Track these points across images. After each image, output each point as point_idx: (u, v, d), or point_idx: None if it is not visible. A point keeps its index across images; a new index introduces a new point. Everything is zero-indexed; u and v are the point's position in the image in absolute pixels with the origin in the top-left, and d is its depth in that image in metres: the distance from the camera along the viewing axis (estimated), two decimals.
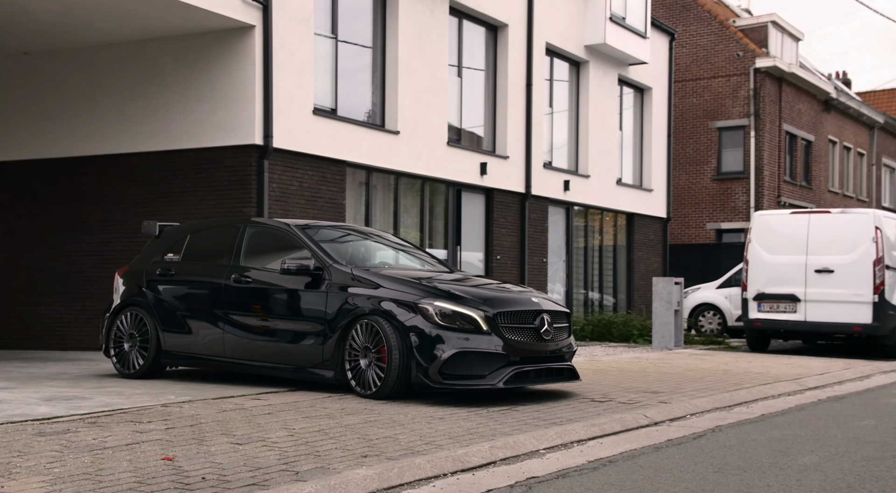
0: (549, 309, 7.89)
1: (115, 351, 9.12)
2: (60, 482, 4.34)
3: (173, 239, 9.48)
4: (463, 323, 7.33)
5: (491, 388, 7.35)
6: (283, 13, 12.92)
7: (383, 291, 7.63)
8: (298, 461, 4.96)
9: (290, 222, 8.80)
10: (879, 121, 35.96)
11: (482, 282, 8.51)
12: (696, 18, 29.07)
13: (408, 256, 9.38)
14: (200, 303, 8.73)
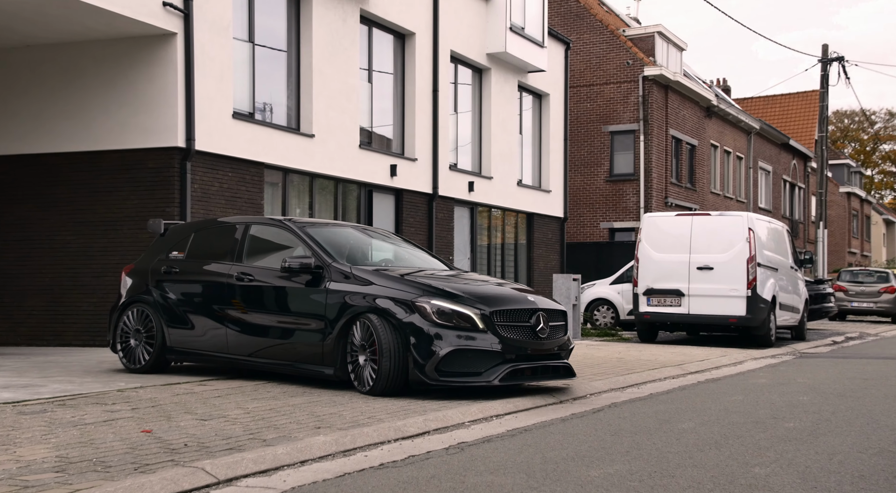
0: (546, 308, 7.96)
1: (122, 346, 9.30)
2: (64, 449, 5.01)
3: (178, 237, 9.62)
4: (459, 321, 7.43)
5: (487, 385, 7.44)
6: (203, 21, 13.46)
7: (381, 289, 7.70)
8: (262, 431, 5.73)
9: (293, 220, 8.95)
10: (756, 127, 38.42)
11: (480, 280, 8.51)
12: (588, 27, 30.59)
13: (408, 254, 9.48)
14: (204, 300, 8.83)
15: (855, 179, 57.45)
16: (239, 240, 8.91)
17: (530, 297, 8.02)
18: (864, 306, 27.50)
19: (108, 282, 13.49)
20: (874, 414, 7.15)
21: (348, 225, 9.77)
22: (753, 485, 4.51)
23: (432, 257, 9.65)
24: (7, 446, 5.11)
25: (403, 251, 9.55)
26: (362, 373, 7.58)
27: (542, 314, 7.84)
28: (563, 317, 8.25)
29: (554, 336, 8.01)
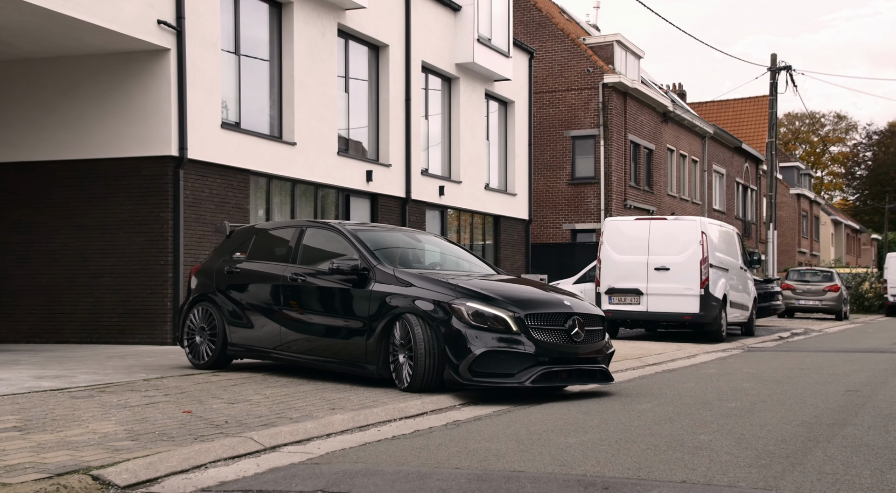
0: (582, 312, 8.15)
1: (188, 343, 9.81)
2: (126, 424, 5.95)
3: (241, 239, 10.00)
4: (493, 323, 7.67)
5: (518, 386, 7.65)
6: (194, 38, 14.32)
7: (421, 291, 7.99)
8: (286, 412, 6.70)
9: (344, 225, 9.32)
10: (710, 131, 39.95)
11: (519, 285, 8.65)
12: (550, 36, 31.77)
13: (455, 257, 9.75)
14: (261, 299, 9.19)
15: (804, 181, 59.47)
16: (294, 242, 9.29)
17: (567, 301, 8.19)
18: (811, 303, 29.02)
19: (105, 282, 14.31)
20: (803, 396, 8.31)
21: (398, 229, 10.15)
22: (699, 447, 5.60)
23: (478, 259, 9.91)
24: (78, 422, 6.03)
25: (450, 254, 9.80)
26: (401, 371, 7.92)
27: (578, 319, 8.03)
28: (602, 322, 8.43)
29: (590, 341, 8.18)
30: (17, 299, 14.82)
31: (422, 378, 7.74)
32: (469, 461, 5.11)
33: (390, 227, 10.25)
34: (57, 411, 6.52)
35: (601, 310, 8.76)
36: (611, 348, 8.59)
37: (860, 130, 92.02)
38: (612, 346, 8.64)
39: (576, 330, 7.98)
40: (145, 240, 14.17)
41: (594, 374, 8.25)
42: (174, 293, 14.00)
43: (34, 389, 7.78)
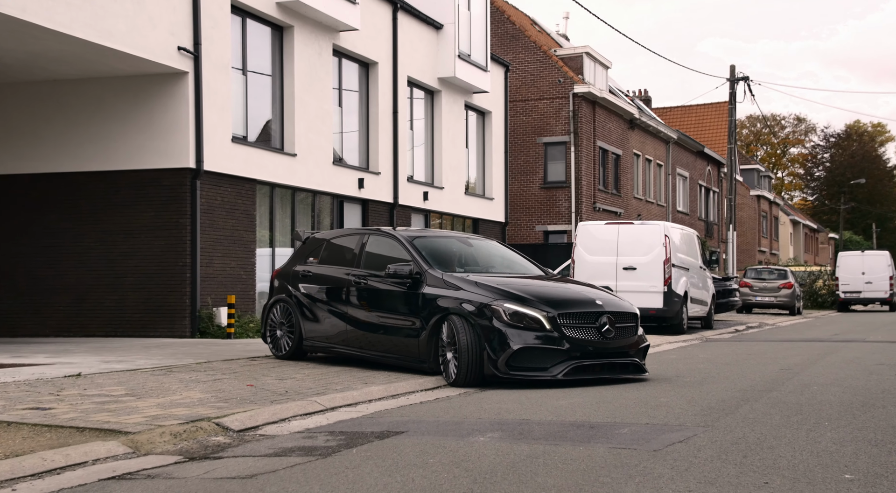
0: (614, 311, 8.83)
1: (270, 337, 10.93)
2: (209, 392, 7.54)
3: (315, 245, 11.03)
4: (529, 322, 8.43)
5: (551, 379, 8.42)
6: (209, 61, 15.86)
7: (465, 293, 8.75)
8: (329, 385, 8.32)
9: (401, 232, 10.19)
10: (673, 137, 41.98)
11: (559, 286, 9.37)
12: (523, 48, 33.54)
13: (506, 260, 10.50)
14: (329, 299, 10.22)
15: (764, 182, 61.87)
16: (358, 248, 10.29)
17: (599, 301, 8.89)
18: (767, 300, 31.06)
19: (128, 282, 15.81)
20: (745, 373, 10.07)
21: (453, 235, 10.98)
22: (659, 405, 7.31)
23: (528, 261, 10.61)
24: (171, 391, 7.62)
25: (501, 257, 10.57)
26: (448, 367, 8.69)
27: (609, 317, 8.73)
28: (634, 319, 9.06)
29: (622, 337, 8.86)
30: (47, 297, 16.26)
31: (465, 373, 8.50)
32: (487, 414, 6.79)
33: (445, 233, 11.03)
34: (148, 384, 8.11)
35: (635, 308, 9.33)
36: (644, 343, 9.23)
37: (818, 133, 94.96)
38: (645, 340, 9.29)
39: (607, 327, 8.65)
40: (165, 243, 15.69)
41: (626, 367, 8.97)
42: (192, 291, 15.54)
43: (111, 370, 9.33)
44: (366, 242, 10.29)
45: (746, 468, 4.61)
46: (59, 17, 12.90)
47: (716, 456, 4.92)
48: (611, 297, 9.25)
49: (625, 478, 4.40)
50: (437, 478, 4.46)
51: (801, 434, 5.68)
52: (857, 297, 36.17)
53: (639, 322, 9.18)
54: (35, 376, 8.62)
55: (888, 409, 6.84)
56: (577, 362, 8.51)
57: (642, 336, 9.25)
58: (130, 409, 6.56)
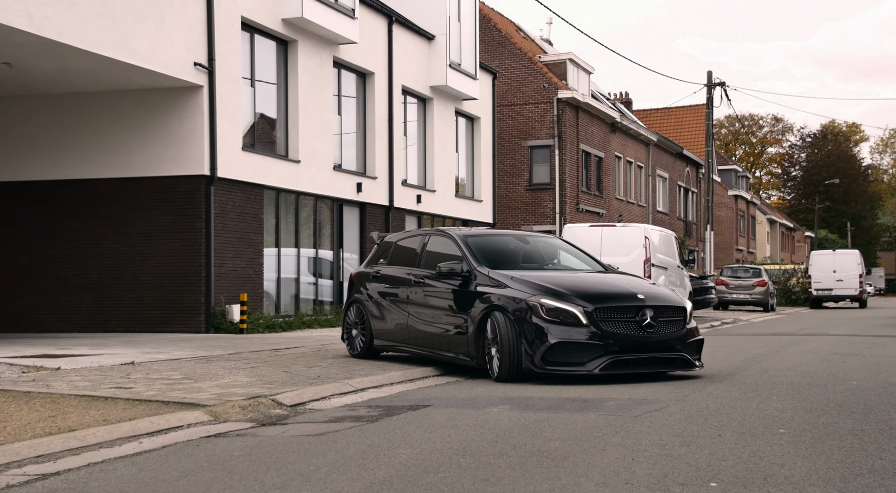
0: (657, 305, 8.74)
1: (346, 337, 11.38)
2: (253, 376, 8.75)
3: (385, 247, 11.39)
4: (565, 317, 8.48)
5: (587, 374, 8.41)
6: (222, 75, 17.05)
7: (509, 290, 8.90)
8: (354, 372, 9.55)
9: (458, 232, 10.37)
10: (653, 139, 43.43)
11: (604, 279, 9.44)
12: (509, 54, 34.84)
13: (563, 257, 10.57)
14: (394, 299, 10.53)
15: (742, 182, 63.52)
16: (420, 248, 10.58)
17: (641, 295, 8.81)
18: (742, 297, 32.54)
19: (147, 281, 16.97)
20: (715, 362, 11.35)
21: (509, 233, 11.06)
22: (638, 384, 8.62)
23: (587, 256, 10.66)
24: (220, 376, 8.82)
25: (558, 254, 10.66)
26: (492, 363, 8.88)
27: (650, 311, 8.65)
28: (681, 313, 8.94)
29: (665, 330, 8.74)
30: (70, 295, 17.40)
31: (507, 369, 8.65)
32: (496, 393, 8.04)
33: (502, 231, 11.14)
34: (197, 370, 9.33)
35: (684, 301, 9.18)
36: (695, 337, 9.09)
37: (795, 133, 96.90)
38: (697, 335, 9.15)
39: (647, 321, 8.60)
40: (181, 246, 16.86)
41: (673, 361, 8.84)
42: (206, 290, 16.72)
43: (156, 359, 10.53)
44: (427, 243, 10.54)
45: (706, 426, 5.90)
46: (90, 38, 14.06)
47: (683, 419, 6.21)
48: (657, 291, 9.19)
49: (612, 433, 5.69)
50: (467, 434, 5.73)
51: (753, 405, 6.99)
52: (828, 294, 37.73)
53: (688, 316, 9.04)
54: (95, 363, 9.82)
55: (829, 387, 8.18)
56: (614, 356, 8.47)
57: (693, 330, 9.11)
58: (196, 389, 7.79)
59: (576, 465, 4.67)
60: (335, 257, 21.17)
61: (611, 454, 4.97)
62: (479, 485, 4.24)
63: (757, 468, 4.54)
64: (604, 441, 5.39)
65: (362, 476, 4.47)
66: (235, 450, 5.30)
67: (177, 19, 15.90)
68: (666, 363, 8.84)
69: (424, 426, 6.12)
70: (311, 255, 20.39)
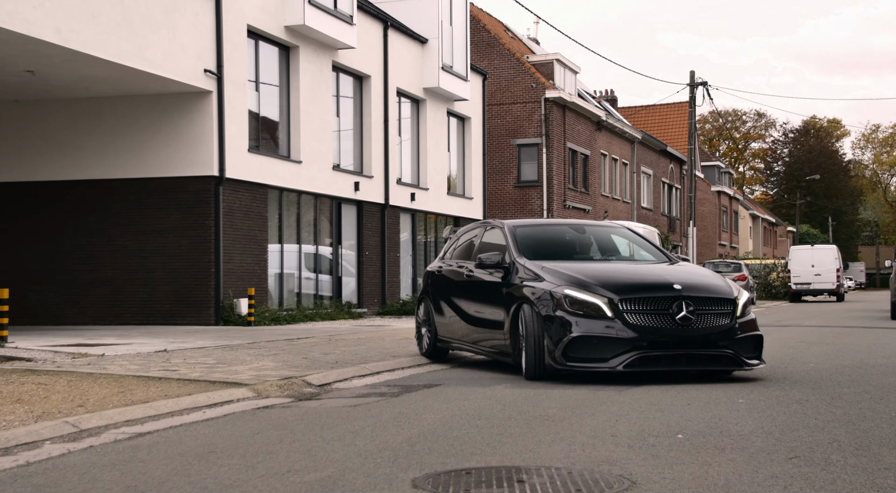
0: (697, 296, 7.84)
1: (417, 335, 10.93)
2: (279, 361, 9.78)
3: (451, 243, 11.05)
4: (588, 309, 7.77)
5: (609, 371, 7.65)
6: (230, 81, 18.02)
7: (541, 282, 8.25)
8: (366, 357, 10.57)
9: (510, 222, 9.82)
10: (638, 137, 44.60)
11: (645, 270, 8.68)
12: (498, 55, 35.88)
13: (621, 247, 9.87)
14: (450, 295, 10.03)
15: (725, 178, 64.85)
16: (478, 241, 10.05)
17: (678, 285, 7.92)
18: None
19: (158, 276, 17.95)
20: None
21: (566, 222, 10.42)
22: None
23: (653, 247, 9.82)
24: (249, 362, 9.84)
25: (615, 244, 9.93)
26: (522, 360, 8.31)
27: (686, 302, 7.75)
28: (728, 304, 7.98)
29: (707, 324, 7.83)
30: (85, 290, 18.36)
31: (532, 367, 8.09)
32: (497, 374, 9.12)
33: (557, 221, 10.65)
34: (227, 357, 10.34)
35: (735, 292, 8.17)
36: (747, 332, 8.05)
37: (778, 128, 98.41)
38: (752, 329, 8.13)
39: (682, 314, 7.74)
40: (191, 242, 17.84)
41: (716, 359, 7.93)
42: (216, 284, 17.71)
43: (185, 347, 11.53)
44: (483, 236, 10.04)
45: (678, 398, 6.97)
46: (110, 48, 15.02)
47: (660, 392, 7.28)
48: (702, 280, 8.28)
49: (599, 403, 6.75)
50: (478, 404, 6.78)
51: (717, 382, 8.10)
52: (807, 288, 39.04)
53: (739, 308, 8.05)
54: (132, 351, 10.83)
55: (788, 369, 9.27)
56: (642, 352, 7.69)
57: (747, 324, 8.10)
58: (233, 371, 8.82)
59: (571, 425, 5.74)
60: (334, 253, 22.19)
61: (599, 417, 6.03)
62: (496, 438, 5.30)
63: (716, 426, 5.62)
64: (593, 408, 6.45)
65: (400, 433, 5.52)
66: (289, 416, 6.34)
67: (188, 29, 16.86)
68: (708, 361, 7.91)
69: (441, 399, 7.17)
70: (311, 251, 21.39)
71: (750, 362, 8.08)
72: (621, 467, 4.46)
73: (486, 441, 5.20)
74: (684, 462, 4.55)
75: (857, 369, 9.06)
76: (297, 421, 6.10)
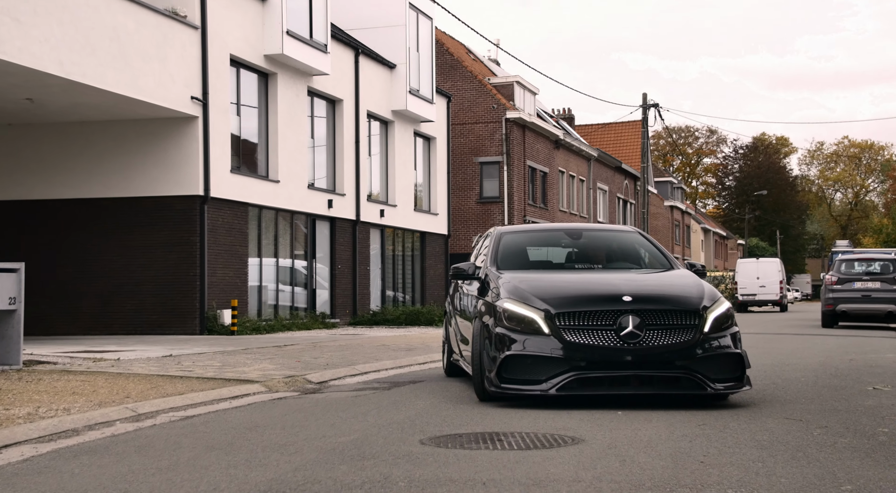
0: (652, 309, 6.90)
1: (443, 350, 10.17)
2: (277, 364, 11.10)
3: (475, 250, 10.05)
4: (524, 325, 6.97)
5: (542, 395, 6.83)
6: (214, 106, 19.31)
7: (492, 295, 7.56)
8: (354, 360, 11.94)
9: (503, 228, 9.21)
10: (594, 154, 46.47)
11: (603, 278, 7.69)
12: (461, 77, 37.48)
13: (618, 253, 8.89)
14: (454, 308, 9.40)
15: (677, 193, 67.14)
16: (478, 249, 9.58)
17: (629, 297, 6.98)
18: None
19: (146, 289, 19.13)
20: None
21: (560, 228, 9.72)
22: None
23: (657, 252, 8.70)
24: (251, 364, 11.16)
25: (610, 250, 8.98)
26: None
27: (634, 316, 6.83)
28: (688, 317, 6.94)
29: (659, 341, 6.84)
30: (76, 301, 19.47)
31: (477, 388, 7.47)
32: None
33: (554, 226, 10.05)
34: (229, 360, 11.65)
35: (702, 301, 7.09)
36: (719, 349, 6.95)
37: (729, 144, 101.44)
38: (724, 347, 6.98)
39: (628, 329, 6.80)
40: (178, 257, 19.06)
41: (674, 381, 6.86)
42: (200, 296, 18.94)
43: (186, 353, 12.80)
44: (483, 243, 9.52)
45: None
46: (107, 78, 16.26)
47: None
48: (665, 290, 7.37)
49: None
50: (459, 394, 8.19)
51: None
52: (752, 299, 41.09)
53: (707, 323, 6.99)
54: (143, 356, 12.09)
55: None
56: (580, 373, 6.80)
57: (717, 340, 6.97)
58: (241, 372, 10.15)
59: (537, 403, 7.21)
60: (308, 267, 23.50)
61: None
62: (477, 415, 6.71)
63: (622, 403, 7.13)
64: None
65: (400, 412, 6.93)
66: (304, 403, 7.72)
67: (177, 60, 18.14)
68: (662, 384, 6.87)
69: (426, 391, 8.59)
70: (287, 265, 22.69)
71: (716, 385, 6.90)
72: (574, 431, 5.93)
73: (470, 417, 6.63)
74: (620, 428, 6.03)
75: (773, 367, 10.66)
76: (313, 407, 7.48)
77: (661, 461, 4.93)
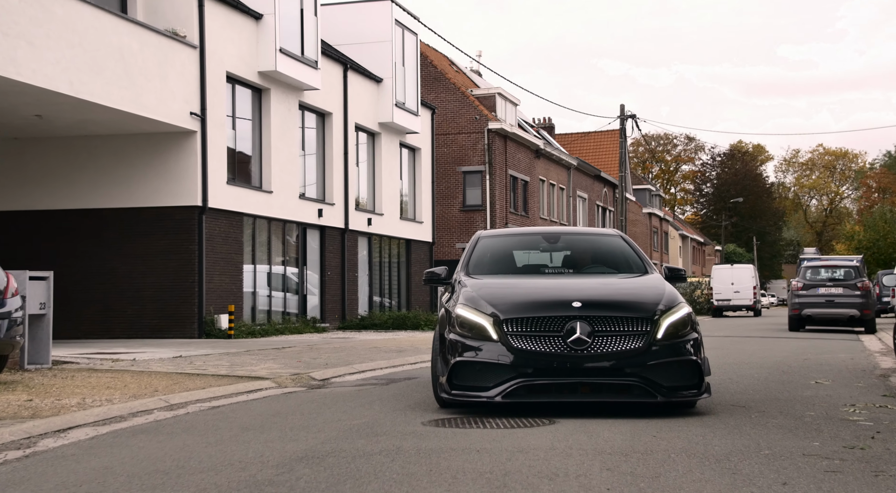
0: (594, 315, 6.83)
1: None
2: (281, 363, 12.11)
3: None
4: (474, 331, 6.96)
5: (488, 402, 6.82)
6: (212, 122, 20.30)
7: (451, 301, 7.56)
8: (350, 360, 12.97)
9: (484, 232, 9.13)
10: (574, 163, 47.70)
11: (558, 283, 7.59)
12: (444, 89, 38.60)
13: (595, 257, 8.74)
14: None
15: (655, 201, 68.54)
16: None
17: (578, 302, 6.90)
18: None
19: (146, 294, 20.07)
20: None
21: (539, 232, 9.56)
22: None
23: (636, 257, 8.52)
24: (258, 364, 12.15)
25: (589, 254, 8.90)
26: None
27: (582, 323, 6.77)
28: (638, 323, 6.86)
29: (609, 347, 6.77)
30: (78, 307, 20.37)
31: (436, 394, 7.38)
32: None
33: (532, 230, 9.80)
34: (236, 360, 12.65)
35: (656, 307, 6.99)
36: (673, 356, 6.83)
37: (707, 151, 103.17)
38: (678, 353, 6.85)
39: (575, 336, 6.75)
40: (177, 265, 20.02)
41: (625, 389, 6.81)
42: (199, 302, 19.90)
43: (193, 354, 13.77)
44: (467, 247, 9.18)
45: None
46: (113, 96, 17.23)
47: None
48: (617, 296, 7.26)
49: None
50: None
51: None
52: (727, 304, 42.37)
53: (661, 329, 6.88)
54: (156, 357, 13.06)
55: None
56: (526, 380, 6.78)
57: (671, 347, 6.86)
58: (250, 370, 11.16)
59: None
60: (300, 274, 24.49)
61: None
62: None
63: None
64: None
65: (401, 402, 7.98)
66: (314, 396, 8.75)
67: (177, 77, 19.12)
68: (613, 391, 6.83)
69: (422, 385, 9.63)
70: (279, 272, 23.67)
71: (670, 393, 6.81)
72: (550, 415, 7.00)
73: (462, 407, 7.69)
74: (589, 413, 7.10)
75: (732, 366, 11.80)
76: (323, 399, 8.52)
77: (621, 436, 6.01)
